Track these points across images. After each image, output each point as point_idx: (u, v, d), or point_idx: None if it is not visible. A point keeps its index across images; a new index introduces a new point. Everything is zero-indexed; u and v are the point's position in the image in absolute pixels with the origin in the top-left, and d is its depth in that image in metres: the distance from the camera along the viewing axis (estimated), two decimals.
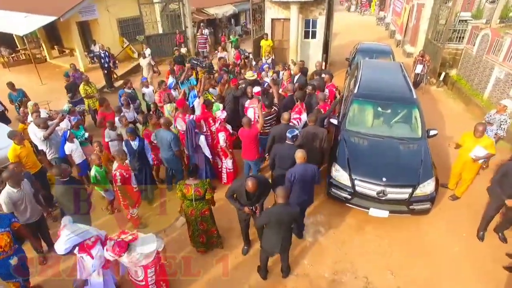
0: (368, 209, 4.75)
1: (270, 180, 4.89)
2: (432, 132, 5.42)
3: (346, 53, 14.80)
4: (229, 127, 5.67)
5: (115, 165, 4.61)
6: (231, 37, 14.34)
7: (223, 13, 17.03)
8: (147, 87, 7.85)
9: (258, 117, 5.49)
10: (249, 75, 6.87)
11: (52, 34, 15.79)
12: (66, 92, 8.34)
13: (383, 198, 4.64)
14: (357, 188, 4.76)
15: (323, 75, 7.40)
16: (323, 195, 5.57)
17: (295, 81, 7.43)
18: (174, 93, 7.18)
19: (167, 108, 6.24)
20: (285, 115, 5.15)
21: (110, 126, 5.77)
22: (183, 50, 12.19)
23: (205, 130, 6.06)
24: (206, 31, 14.40)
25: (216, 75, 8.75)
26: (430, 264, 4.43)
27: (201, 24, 14.48)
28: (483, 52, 9.72)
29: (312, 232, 4.94)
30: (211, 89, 6.97)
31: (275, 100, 6.16)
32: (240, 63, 10.01)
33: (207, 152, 5.36)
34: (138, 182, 5.04)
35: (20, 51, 15.26)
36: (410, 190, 4.60)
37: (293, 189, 4.22)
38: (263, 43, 10.81)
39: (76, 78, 9.19)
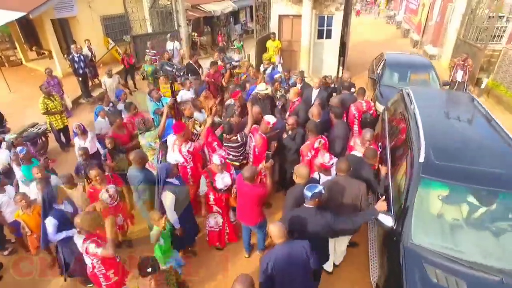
0: None
1: None
2: None
3: (357, 55, 13.17)
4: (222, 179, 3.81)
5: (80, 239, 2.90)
6: (235, 43, 11.35)
7: (221, 10, 15.28)
8: (124, 102, 6.11)
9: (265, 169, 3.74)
10: (262, 88, 5.08)
11: (31, 34, 14.12)
12: None
13: None
14: None
15: (352, 90, 5.60)
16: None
17: (313, 100, 5.56)
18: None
19: (147, 139, 4.47)
20: (301, 170, 3.25)
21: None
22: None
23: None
24: (174, 46, 10.20)
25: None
26: None
27: (148, 43, 10.11)
28: None
29: None
30: (196, 114, 5.17)
31: (247, 129, 4.29)
32: (224, 73, 7.68)
33: (171, 216, 3.50)
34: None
35: None
36: None
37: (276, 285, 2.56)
38: (269, 44, 9.13)
39: (52, 87, 7.49)
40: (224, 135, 4.33)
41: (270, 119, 4.23)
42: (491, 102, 9.03)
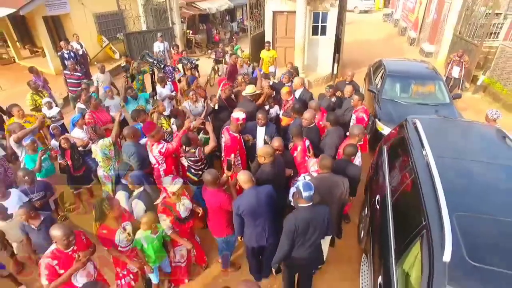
0: None
1: None
2: None
3: (354, 53, 13.06)
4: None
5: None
6: (228, 48, 10.02)
7: (217, 7, 15.15)
8: (112, 98, 5.97)
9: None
10: (249, 90, 4.84)
11: (25, 32, 13.98)
12: None
13: None
14: None
15: (354, 96, 4.85)
16: None
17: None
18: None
19: (101, 147, 4.03)
20: (263, 149, 3.35)
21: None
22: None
23: None
24: (164, 46, 9.71)
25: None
26: None
27: (69, 61, 8.02)
28: None
29: None
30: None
31: (207, 147, 3.90)
32: (181, 76, 7.32)
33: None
34: None
35: None
36: None
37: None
38: (264, 54, 8.46)
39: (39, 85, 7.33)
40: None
41: (239, 115, 3.89)
42: (487, 100, 8.93)
